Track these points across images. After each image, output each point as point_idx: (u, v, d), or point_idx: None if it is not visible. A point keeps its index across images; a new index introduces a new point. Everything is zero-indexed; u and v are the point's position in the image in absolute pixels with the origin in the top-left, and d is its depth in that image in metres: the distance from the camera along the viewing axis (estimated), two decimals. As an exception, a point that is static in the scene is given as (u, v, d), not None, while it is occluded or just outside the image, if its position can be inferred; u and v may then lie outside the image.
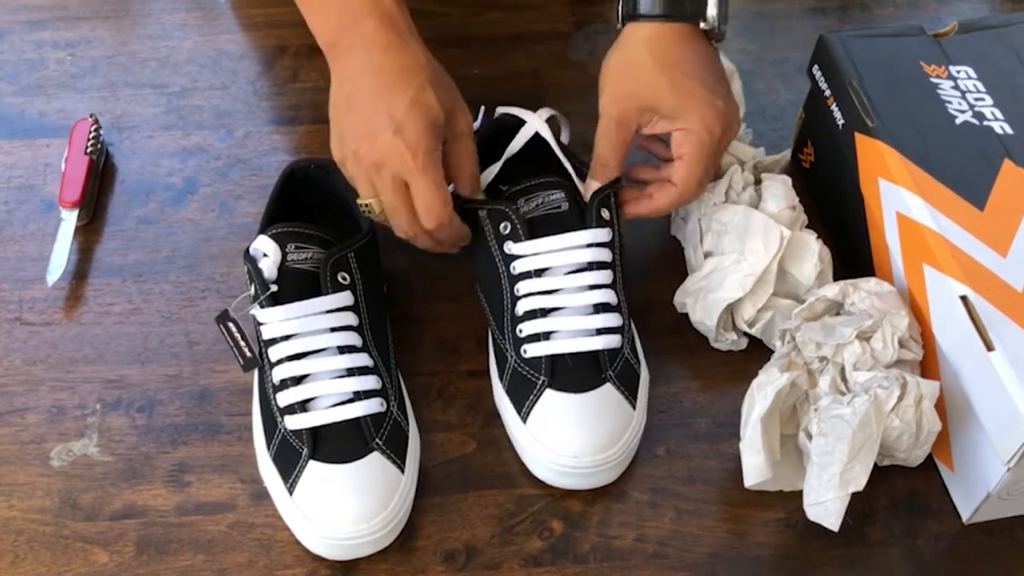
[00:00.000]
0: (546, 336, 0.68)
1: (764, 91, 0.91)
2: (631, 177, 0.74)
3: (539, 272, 0.69)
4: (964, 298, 0.63)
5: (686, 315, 0.75)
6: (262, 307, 0.65)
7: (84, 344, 0.74)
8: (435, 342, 0.75)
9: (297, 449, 0.64)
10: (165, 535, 0.66)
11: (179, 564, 0.64)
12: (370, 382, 0.65)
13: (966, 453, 0.65)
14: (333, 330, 0.66)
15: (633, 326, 0.72)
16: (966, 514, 0.67)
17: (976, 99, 0.74)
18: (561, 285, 0.68)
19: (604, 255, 0.69)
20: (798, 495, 0.64)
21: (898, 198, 0.69)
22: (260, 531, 0.66)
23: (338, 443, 0.64)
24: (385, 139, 0.63)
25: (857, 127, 0.73)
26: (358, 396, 0.65)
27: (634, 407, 0.68)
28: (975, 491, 0.65)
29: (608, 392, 0.67)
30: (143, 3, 0.99)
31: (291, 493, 0.63)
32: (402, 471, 0.65)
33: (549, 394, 0.67)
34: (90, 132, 0.84)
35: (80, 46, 0.94)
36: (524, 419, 0.67)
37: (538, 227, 0.69)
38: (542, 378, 0.67)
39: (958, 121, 0.72)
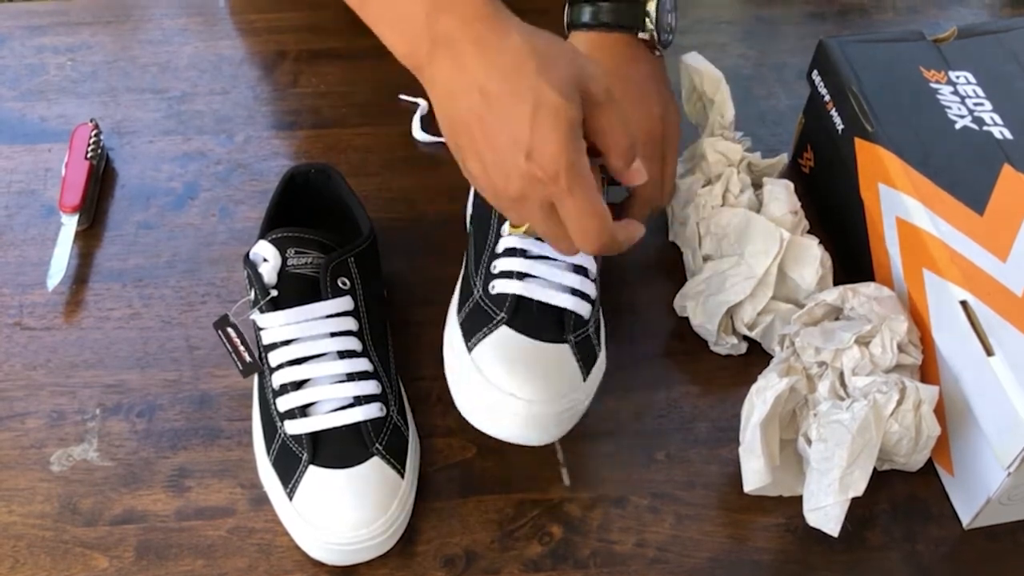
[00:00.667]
0: (519, 276, 0.65)
1: (764, 96, 0.91)
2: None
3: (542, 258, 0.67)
4: (964, 303, 0.63)
5: (685, 319, 0.75)
6: (262, 312, 0.65)
7: (84, 349, 0.74)
8: (435, 346, 0.75)
9: (297, 454, 0.64)
10: (165, 540, 0.66)
11: (179, 569, 0.64)
12: (370, 387, 0.65)
13: (966, 458, 0.65)
14: (333, 335, 0.66)
15: (601, 316, 0.70)
16: (966, 519, 0.67)
17: (975, 104, 0.74)
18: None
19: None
20: (798, 500, 0.64)
21: (898, 203, 0.69)
22: (260, 536, 0.66)
23: (338, 448, 0.64)
24: (518, 170, 0.53)
25: (857, 132, 0.73)
26: (358, 401, 0.65)
27: (584, 379, 0.64)
28: (975, 496, 0.65)
29: (564, 352, 0.64)
30: (144, 8, 0.99)
31: (291, 498, 0.63)
32: (402, 476, 0.65)
33: (505, 330, 0.63)
34: (90, 137, 0.84)
35: (81, 51, 0.94)
36: (470, 349, 0.64)
37: None
38: (502, 315, 0.64)
39: (958, 126, 0.73)
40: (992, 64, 0.77)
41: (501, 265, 0.66)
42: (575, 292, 0.66)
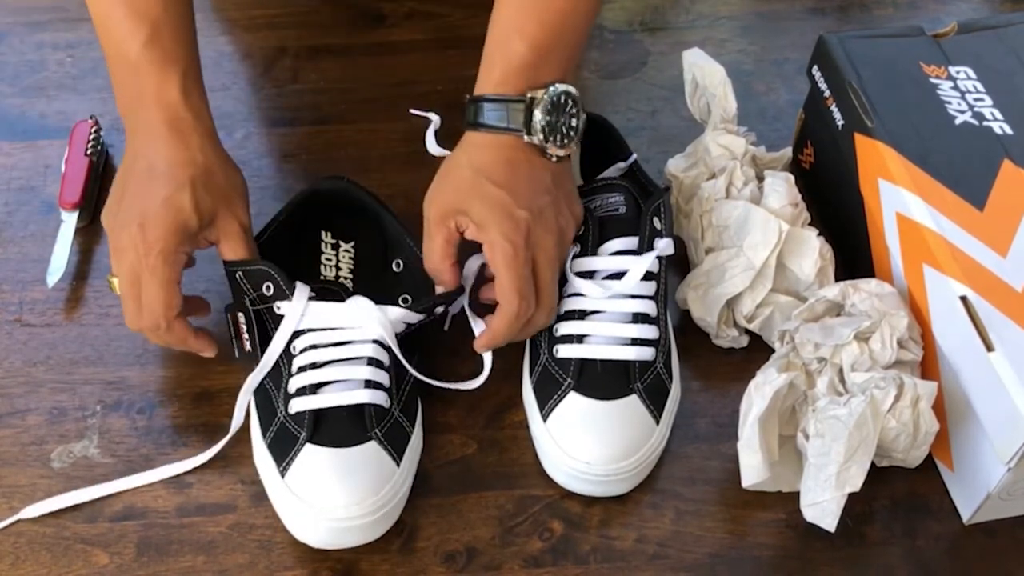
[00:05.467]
0: (579, 339, 0.68)
1: (764, 92, 0.91)
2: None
3: (586, 275, 0.69)
4: (964, 298, 0.63)
5: (687, 314, 0.75)
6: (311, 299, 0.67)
7: (84, 346, 0.74)
8: (436, 344, 0.75)
9: (295, 434, 0.64)
10: (166, 536, 0.66)
11: (179, 565, 0.64)
12: (383, 377, 0.66)
13: (966, 453, 0.65)
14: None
15: (673, 342, 0.72)
16: (966, 515, 0.67)
17: (976, 99, 0.74)
18: (602, 291, 0.68)
19: (651, 265, 0.69)
20: (799, 496, 0.64)
21: (898, 199, 0.69)
22: (260, 532, 0.66)
23: (338, 429, 0.64)
24: (131, 231, 0.65)
25: (857, 128, 0.73)
26: (367, 384, 0.65)
27: (657, 422, 0.67)
28: (975, 492, 0.65)
29: (632, 403, 0.67)
30: (143, 5, 0.99)
31: (283, 475, 0.63)
32: (397, 464, 0.65)
33: (573, 397, 0.67)
34: (90, 133, 0.84)
35: (80, 47, 0.94)
36: (544, 418, 0.67)
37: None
38: (568, 380, 0.67)
39: (958, 121, 0.72)
40: (992, 59, 0.77)
41: (562, 328, 0.68)
42: (636, 341, 0.68)
